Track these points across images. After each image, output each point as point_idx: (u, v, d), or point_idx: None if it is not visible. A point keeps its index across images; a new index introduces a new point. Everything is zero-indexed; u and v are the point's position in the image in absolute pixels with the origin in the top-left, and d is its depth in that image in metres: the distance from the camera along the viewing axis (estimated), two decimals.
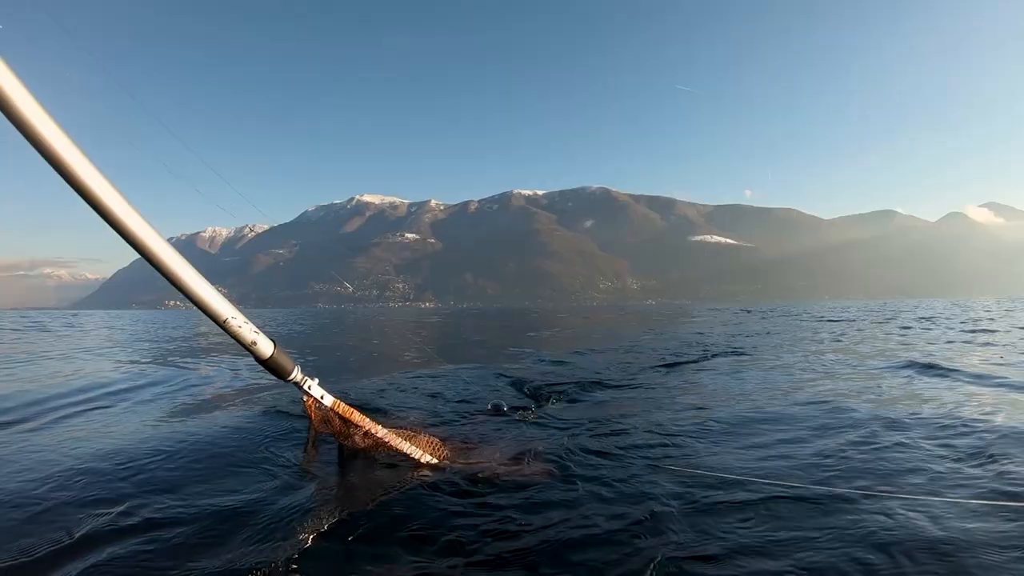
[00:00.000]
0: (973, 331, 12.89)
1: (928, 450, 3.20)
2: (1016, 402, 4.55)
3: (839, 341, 11.21)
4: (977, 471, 2.82)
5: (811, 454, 3.16)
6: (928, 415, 4.05)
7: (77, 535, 2.24)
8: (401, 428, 3.18)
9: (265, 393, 5.91)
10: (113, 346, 13.29)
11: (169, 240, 2.11)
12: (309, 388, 2.86)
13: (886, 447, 3.27)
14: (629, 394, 5.45)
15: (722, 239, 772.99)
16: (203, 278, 2.28)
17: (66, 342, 14.41)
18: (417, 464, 2.94)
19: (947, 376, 6.00)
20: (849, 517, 2.25)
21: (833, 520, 2.23)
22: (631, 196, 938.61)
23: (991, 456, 3.03)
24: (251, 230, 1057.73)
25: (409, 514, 2.40)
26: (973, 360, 7.46)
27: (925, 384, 5.56)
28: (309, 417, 2.96)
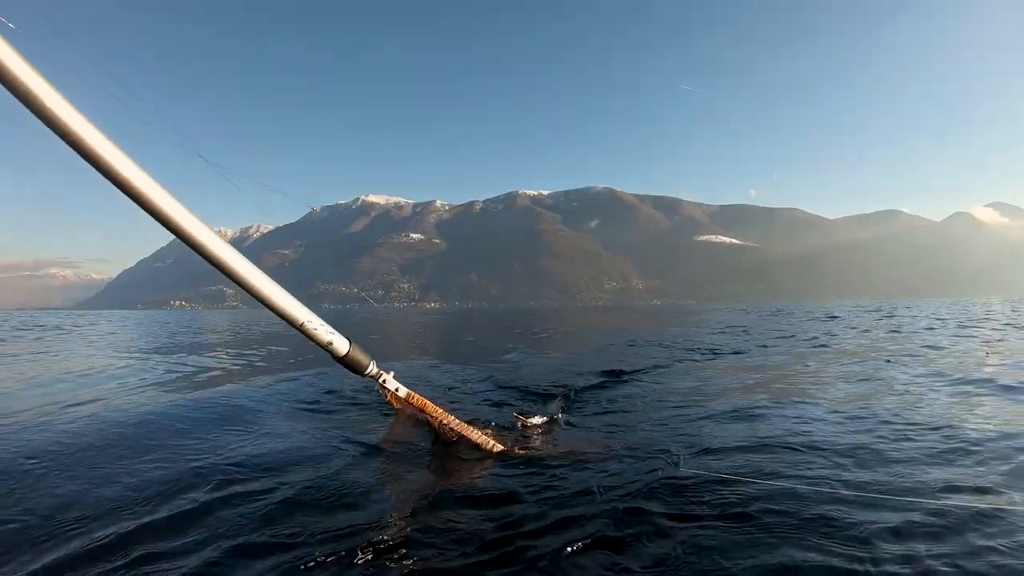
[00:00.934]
0: (975, 330, 13.05)
1: (906, 450, 3.38)
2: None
3: (829, 342, 11.41)
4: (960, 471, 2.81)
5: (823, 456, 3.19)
6: (906, 415, 4.22)
7: (155, 489, 2.46)
8: (466, 420, 3.39)
9: (298, 372, 6.44)
10: (132, 343, 13.70)
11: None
12: (384, 382, 2.98)
13: (849, 445, 3.44)
14: (636, 387, 5.71)
15: (727, 239, 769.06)
16: (280, 286, 2.32)
17: (86, 341, 14.86)
18: (485, 451, 3.13)
19: (929, 376, 6.04)
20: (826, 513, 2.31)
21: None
22: (636, 196, 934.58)
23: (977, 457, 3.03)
24: (257, 230, 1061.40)
25: (477, 482, 2.65)
26: (967, 363, 7.51)
27: (906, 383, 5.60)
28: (392, 404, 3.13)
